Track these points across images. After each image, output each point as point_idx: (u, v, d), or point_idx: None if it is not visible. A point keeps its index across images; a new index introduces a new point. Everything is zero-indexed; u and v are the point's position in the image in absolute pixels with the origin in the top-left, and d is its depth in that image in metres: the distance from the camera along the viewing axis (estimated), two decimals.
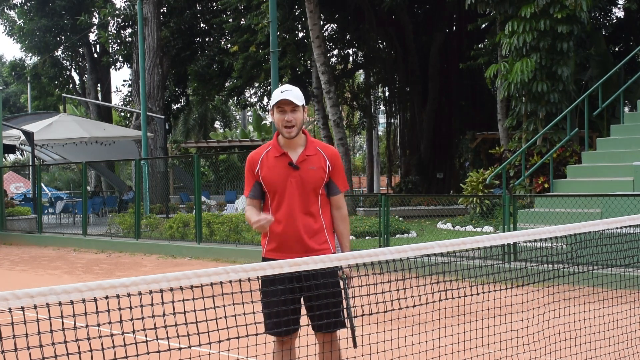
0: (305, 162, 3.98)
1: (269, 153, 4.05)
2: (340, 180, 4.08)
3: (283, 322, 3.83)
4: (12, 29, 34.88)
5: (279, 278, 3.57)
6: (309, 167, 3.98)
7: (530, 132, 15.68)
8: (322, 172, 4.00)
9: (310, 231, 3.96)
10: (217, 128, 52.68)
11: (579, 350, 4.77)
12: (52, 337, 2.53)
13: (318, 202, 4.01)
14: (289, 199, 3.94)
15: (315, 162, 4.00)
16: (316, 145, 4.06)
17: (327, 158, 4.03)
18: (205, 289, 2.95)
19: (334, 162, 4.04)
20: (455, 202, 19.57)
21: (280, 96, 3.90)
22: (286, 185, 3.96)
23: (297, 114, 3.93)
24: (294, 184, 3.95)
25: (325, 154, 4.04)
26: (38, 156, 25.55)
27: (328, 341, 3.96)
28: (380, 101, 37.69)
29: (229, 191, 26.85)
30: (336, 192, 4.07)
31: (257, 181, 4.05)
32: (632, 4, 19.33)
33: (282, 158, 3.99)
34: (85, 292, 2.53)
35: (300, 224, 3.95)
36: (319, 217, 4.02)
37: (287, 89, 3.95)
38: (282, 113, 3.91)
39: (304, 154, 4.00)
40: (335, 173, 4.05)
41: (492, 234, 4.08)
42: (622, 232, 5.39)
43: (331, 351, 3.96)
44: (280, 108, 3.91)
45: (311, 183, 3.96)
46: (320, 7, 21.98)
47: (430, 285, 3.76)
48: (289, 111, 3.91)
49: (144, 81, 21.93)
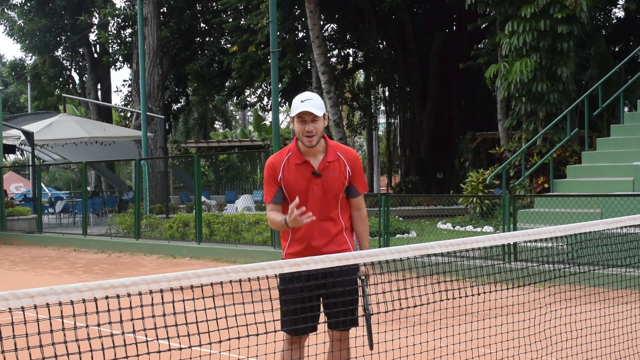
0: (326, 170, 3.98)
1: (290, 159, 4.02)
2: (360, 183, 4.09)
3: (300, 322, 3.83)
4: (12, 29, 34.89)
5: (298, 276, 3.58)
6: (331, 174, 3.98)
7: (530, 132, 15.67)
8: (342, 177, 4.01)
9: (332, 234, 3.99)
10: (217, 128, 52.68)
11: (580, 350, 4.77)
12: (52, 337, 2.53)
13: (338, 207, 4.03)
14: (312, 206, 3.94)
15: (337, 169, 3.99)
16: (336, 150, 4.05)
17: (348, 163, 4.04)
18: (205, 289, 2.95)
19: (354, 166, 4.05)
20: (455, 202, 19.57)
21: (300, 107, 3.88)
22: (308, 192, 3.96)
23: (318, 124, 3.91)
24: (316, 191, 3.96)
25: (345, 159, 4.04)
26: (38, 156, 25.55)
27: (339, 339, 3.97)
28: (380, 101, 37.70)
29: (229, 191, 26.88)
30: (356, 194, 4.08)
31: (280, 187, 4.02)
32: (632, 4, 19.33)
33: (304, 166, 3.98)
34: (85, 292, 2.52)
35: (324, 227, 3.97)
36: (338, 221, 4.04)
37: (308, 97, 3.93)
38: (303, 123, 3.90)
39: (325, 160, 3.98)
40: (355, 177, 4.06)
41: (492, 234, 4.08)
42: (622, 232, 5.38)
43: (340, 350, 3.97)
44: (301, 118, 3.90)
45: (333, 190, 3.98)
46: (320, 7, 21.98)
47: (430, 285, 3.76)
48: (309, 121, 3.89)
49: (144, 81, 21.93)
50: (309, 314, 3.85)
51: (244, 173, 33.58)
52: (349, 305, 3.85)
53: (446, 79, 28.80)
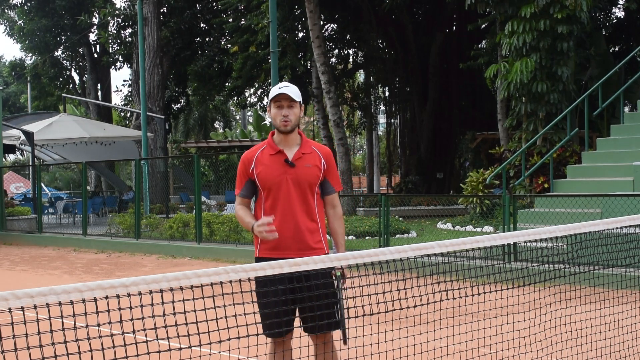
0: (301, 160, 4.02)
1: (264, 151, 4.08)
2: (334, 180, 4.12)
3: (277, 324, 3.79)
4: (12, 29, 34.89)
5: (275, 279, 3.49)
6: (305, 164, 4.01)
7: (530, 132, 15.67)
8: (317, 170, 4.03)
9: (308, 228, 3.98)
10: (217, 128, 52.69)
11: (580, 350, 4.76)
12: (52, 337, 2.53)
13: (314, 201, 4.03)
14: (285, 196, 3.96)
15: (311, 160, 4.04)
16: (311, 145, 4.12)
17: (322, 157, 4.08)
18: (205, 289, 2.95)
19: (328, 161, 4.10)
20: (455, 202, 19.57)
21: (278, 91, 3.98)
22: (282, 182, 3.97)
23: (294, 110, 4.00)
24: (290, 181, 3.97)
25: (320, 153, 4.10)
26: (38, 156, 25.54)
27: (322, 342, 3.96)
28: (380, 101, 37.68)
29: (229, 191, 26.84)
30: (331, 191, 4.11)
31: (250, 179, 4.07)
32: (632, 3, 19.33)
33: (278, 156, 4.02)
34: (85, 292, 2.52)
35: (299, 220, 3.95)
36: (315, 216, 4.03)
37: (285, 85, 4.04)
38: (279, 108, 3.98)
39: (299, 151, 4.04)
40: (329, 172, 4.10)
41: (492, 234, 4.08)
42: (622, 232, 5.38)
43: (327, 352, 3.95)
44: (278, 103, 3.98)
45: (307, 180, 3.99)
46: (320, 7, 21.98)
47: (430, 285, 3.76)
48: (285, 106, 3.98)
49: (144, 81, 21.93)
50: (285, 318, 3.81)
51: None
52: (326, 308, 3.80)
53: (446, 79, 28.79)
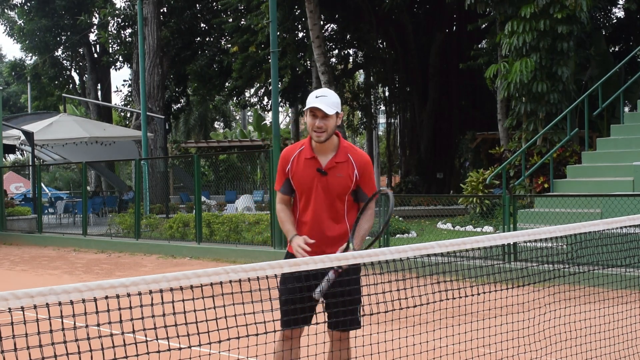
0: (333, 169, 3.98)
1: (301, 153, 4.05)
2: (368, 188, 4.05)
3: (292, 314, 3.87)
4: (12, 29, 34.89)
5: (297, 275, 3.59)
6: (337, 174, 3.98)
7: (530, 132, 15.67)
8: (348, 180, 3.99)
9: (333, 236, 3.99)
10: (217, 128, 52.69)
11: (580, 350, 4.76)
12: (52, 337, 2.53)
13: (344, 208, 4.02)
14: (315, 202, 3.97)
15: (344, 170, 3.99)
16: (347, 152, 4.03)
17: (357, 166, 4.01)
18: (205, 289, 2.95)
19: (362, 170, 4.02)
20: (455, 202, 19.56)
21: (313, 102, 3.90)
22: (312, 188, 3.98)
23: (329, 121, 3.91)
24: (320, 188, 3.97)
25: (355, 162, 4.02)
26: (38, 156, 25.54)
27: (338, 340, 3.99)
28: (380, 101, 37.68)
29: (229, 191, 26.88)
30: (364, 198, 4.06)
31: (288, 178, 4.08)
32: (632, 4, 19.33)
33: (312, 161, 4.00)
34: (85, 292, 2.52)
35: (325, 227, 3.99)
36: (343, 222, 4.03)
37: (322, 94, 3.94)
38: (314, 118, 3.90)
39: (333, 160, 3.99)
40: (363, 181, 4.04)
41: (492, 234, 4.08)
42: (622, 232, 5.38)
43: (340, 350, 3.98)
44: (312, 113, 3.91)
45: (336, 190, 3.98)
46: (320, 7, 21.98)
47: (430, 285, 3.76)
48: (320, 117, 3.89)
49: (144, 81, 21.92)
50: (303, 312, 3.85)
51: (244, 173, 33.59)
52: (349, 305, 3.86)
53: (446, 79, 28.78)
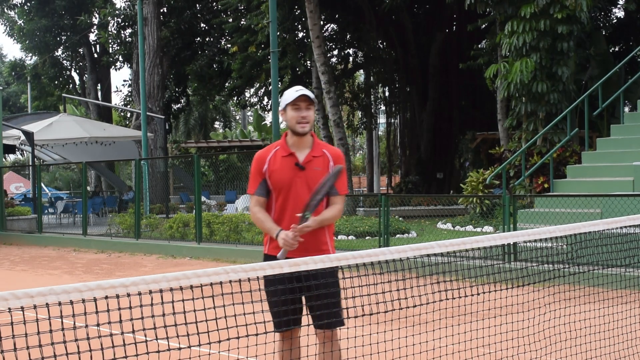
0: (311, 163, 4.08)
1: (277, 152, 4.14)
2: (339, 182, 4.09)
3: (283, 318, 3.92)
4: (12, 29, 34.88)
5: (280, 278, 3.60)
6: (315, 167, 4.06)
7: (530, 132, 15.67)
8: (325, 173, 4.05)
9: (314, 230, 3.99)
10: (217, 128, 52.69)
11: (580, 350, 4.76)
12: (52, 337, 2.53)
13: (323, 204, 4.06)
14: (295, 198, 4.01)
15: (321, 164, 4.09)
16: (322, 147, 4.16)
17: (331, 159, 4.12)
18: (205, 289, 2.95)
19: (337, 163, 4.12)
20: (455, 202, 19.57)
21: (296, 94, 4.04)
22: (292, 185, 4.03)
23: (311, 112, 4.07)
24: (300, 183, 4.03)
25: (330, 155, 4.13)
26: (38, 156, 25.54)
27: (328, 340, 4.00)
28: (380, 101, 37.68)
29: (229, 191, 26.88)
30: (333, 192, 4.09)
31: (264, 179, 4.12)
32: (632, 4, 19.33)
33: (289, 158, 4.08)
34: (85, 292, 2.52)
35: None
36: None
37: (301, 88, 4.11)
38: (298, 110, 4.03)
39: (310, 154, 4.09)
40: None
41: (492, 234, 4.08)
42: (622, 232, 5.38)
43: (332, 351, 3.98)
44: (296, 105, 4.03)
45: (316, 184, 4.00)
46: (320, 7, 21.97)
47: (430, 285, 3.76)
48: (304, 108, 4.03)
49: (144, 81, 21.92)
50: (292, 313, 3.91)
51: (244, 173, 33.52)
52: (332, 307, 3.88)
53: (446, 79, 28.77)
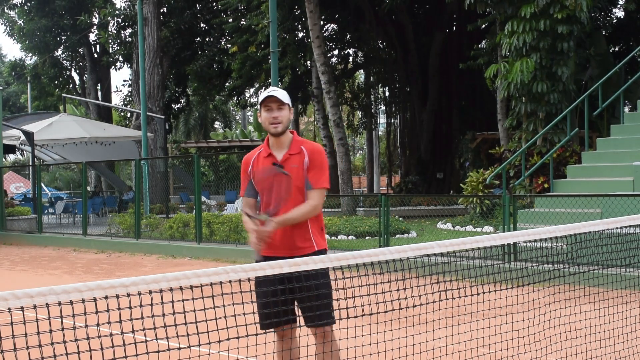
0: (288, 161, 4.10)
1: (260, 154, 4.22)
2: (314, 177, 4.06)
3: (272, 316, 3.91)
4: (12, 29, 34.88)
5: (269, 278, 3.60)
6: (292, 165, 4.08)
7: (530, 132, 15.67)
8: (302, 170, 4.07)
9: (296, 228, 4.03)
10: (217, 128, 52.70)
11: (580, 350, 4.76)
12: (52, 337, 2.52)
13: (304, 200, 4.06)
14: (276, 197, 4.01)
15: (297, 161, 4.09)
16: (300, 144, 4.15)
17: (307, 154, 4.10)
18: (205, 289, 2.95)
19: (312, 157, 4.09)
20: (455, 202, 19.57)
21: (266, 94, 4.10)
22: (272, 184, 4.03)
23: (283, 112, 4.08)
24: (279, 183, 4.02)
25: (306, 151, 4.12)
26: (38, 156, 25.54)
27: (327, 340, 3.99)
28: (380, 101, 37.69)
29: (229, 191, 26.86)
30: (308, 187, 4.08)
31: (250, 180, 4.20)
32: (632, 4, 19.33)
33: (269, 158, 4.14)
34: (85, 292, 2.52)
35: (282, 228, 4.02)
36: None
37: (273, 89, 4.16)
38: (269, 111, 4.08)
39: (287, 153, 4.12)
40: (311, 168, 4.08)
41: (492, 234, 4.08)
42: (622, 232, 5.38)
43: (331, 351, 3.98)
44: (268, 106, 4.08)
45: (294, 182, 4.02)
46: (320, 7, 21.98)
47: (430, 285, 3.76)
48: (275, 109, 4.07)
49: (144, 81, 21.93)
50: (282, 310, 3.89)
51: None
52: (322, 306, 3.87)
53: (446, 79, 28.78)
